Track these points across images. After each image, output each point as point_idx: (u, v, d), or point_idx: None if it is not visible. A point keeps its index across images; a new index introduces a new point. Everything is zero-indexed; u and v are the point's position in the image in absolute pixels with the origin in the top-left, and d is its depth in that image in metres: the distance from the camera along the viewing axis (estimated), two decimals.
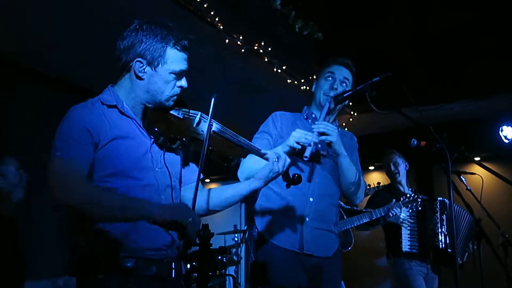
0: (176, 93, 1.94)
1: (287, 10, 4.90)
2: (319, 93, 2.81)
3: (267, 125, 2.78)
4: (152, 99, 1.91)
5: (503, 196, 5.80)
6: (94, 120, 1.81)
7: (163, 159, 1.93)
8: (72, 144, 1.75)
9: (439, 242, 4.33)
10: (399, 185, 4.72)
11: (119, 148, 1.81)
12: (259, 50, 4.55)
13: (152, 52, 1.86)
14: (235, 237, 5.93)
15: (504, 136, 6.07)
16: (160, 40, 1.87)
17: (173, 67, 1.89)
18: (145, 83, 1.89)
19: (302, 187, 2.60)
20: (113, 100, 1.89)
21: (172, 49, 1.89)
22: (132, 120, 1.90)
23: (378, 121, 6.26)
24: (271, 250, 2.57)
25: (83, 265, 1.76)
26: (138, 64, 1.88)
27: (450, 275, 2.63)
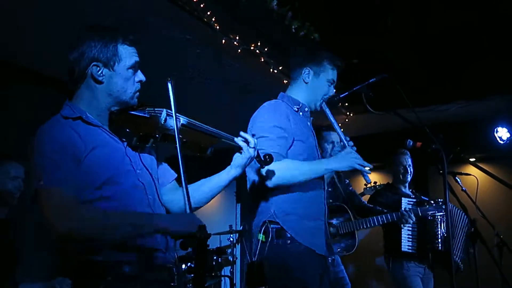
0: (137, 88, 1.93)
1: (283, 11, 4.90)
2: (319, 96, 2.77)
3: (281, 119, 2.61)
4: (116, 100, 1.89)
5: (498, 197, 5.82)
6: (70, 136, 1.77)
7: (140, 160, 1.92)
8: (57, 166, 1.69)
9: (438, 244, 4.33)
10: (401, 186, 4.71)
11: (100, 157, 1.78)
12: (255, 51, 4.55)
13: (105, 53, 1.85)
14: (230, 237, 5.92)
15: (499, 137, 6.10)
16: (110, 40, 1.86)
17: (128, 62, 1.88)
18: (105, 86, 1.87)
19: (318, 189, 2.66)
20: (75, 112, 1.84)
21: (123, 45, 1.89)
22: (100, 128, 1.87)
23: (374, 122, 6.28)
24: (305, 254, 2.52)
25: (82, 271, 1.73)
26: (95, 68, 1.85)
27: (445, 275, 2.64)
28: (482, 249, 3.39)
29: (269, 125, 2.56)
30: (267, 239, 2.52)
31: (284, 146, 2.54)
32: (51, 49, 4.40)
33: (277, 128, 2.55)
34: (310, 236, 2.54)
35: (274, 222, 2.52)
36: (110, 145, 1.85)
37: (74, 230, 1.63)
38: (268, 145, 2.49)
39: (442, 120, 6.21)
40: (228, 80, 5.20)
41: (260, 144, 2.47)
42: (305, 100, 2.78)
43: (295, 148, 2.60)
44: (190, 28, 4.10)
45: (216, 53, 4.54)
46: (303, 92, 2.78)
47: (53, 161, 1.69)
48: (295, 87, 2.81)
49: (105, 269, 1.71)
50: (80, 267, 1.73)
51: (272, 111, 2.63)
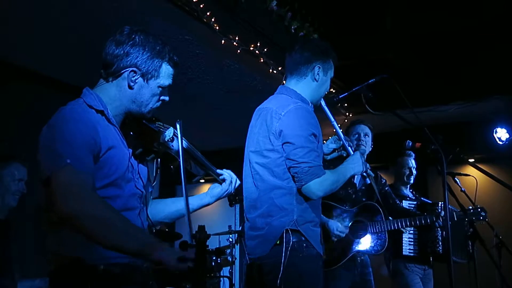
0: (157, 106, 1.95)
1: (283, 11, 4.90)
2: (323, 93, 2.76)
3: (315, 126, 2.54)
4: (135, 109, 1.90)
5: (497, 198, 5.82)
6: (96, 127, 1.75)
7: (138, 170, 1.92)
8: (81, 154, 1.66)
9: (439, 248, 4.32)
10: (403, 186, 4.70)
11: (113, 158, 1.79)
12: (255, 51, 4.55)
13: (148, 64, 1.86)
14: (229, 237, 5.92)
15: (498, 137, 6.11)
16: (157, 54, 1.87)
17: (163, 82, 1.91)
18: (133, 93, 1.87)
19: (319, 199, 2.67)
20: (100, 105, 1.83)
21: (167, 65, 1.91)
22: (115, 128, 1.86)
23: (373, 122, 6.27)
24: (318, 259, 2.57)
25: (66, 271, 1.70)
26: (132, 73, 1.85)
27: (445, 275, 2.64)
28: (481, 250, 3.39)
29: (307, 133, 2.49)
30: (282, 243, 2.47)
31: (322, 154, 2.60)
32: (51, 49, 4.41)
33: (314, 136, 2.51)
34: (319, 242, 2.60)
35: (296, 230, 2.49)
36: (121, 148, 1.85)
37: (78, 214, 1.57)
38: (311, 157, 2.45)
39: (441, 120, 6.21)
40: (227, 81, 5.20)
41: (302, 156, 2.45)
42: (310, 97, 2.70)
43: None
44: (189, 29, 4.11)
45: (215, 54, 4.54)
46: (310, 89, 2.69)
47: (81, 148, 1.67)
48: (304, 84, 2.69)
49: (92, 268, 1.69)
50: (69, 266, 1.70)
51: (308, 117, 2.54)
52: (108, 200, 1.73)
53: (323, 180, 2.46)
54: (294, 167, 2.45)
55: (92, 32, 4.03)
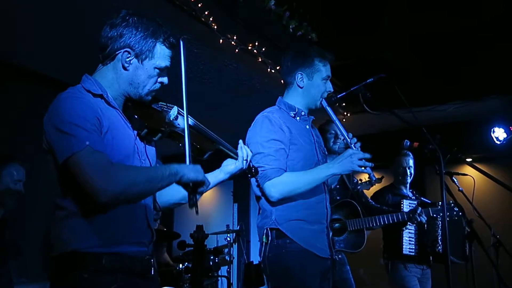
0: (156, 88, 1.94)
1: (281, 11, 4.90)
2: (318, 96, 2.75)
3: (275, 132, 2.61)
4: (133, 91, 1.90)
5: (495, 197, 5.83)
6: (95, 108, 1.76)
7: (145, 151, 1.93)
8: (93, 133, 1.69)
9: (439, 247, 4.33)
10: (402, 186, 4.72)
11: (114, 139, 1.79)
12: (253, 50, 4.55)
13: (142, 45, 1.86)
14: (227, 237, 5.93)
15: (495, 137, 6.11)
16: (151, 34, 1.87)
17: (159, 63, 1.89)
18: (129, 74, 1.87)
19: (320, 193, 2.68)
20: (98, 89, 1.84)
21: (161, 45, 1.90)
22: (117, 110, 1.87)
23: (371, 122, 6.29)
24: (304, 256, 2.54)
25: (65, 261, 1.71)
26: (126, 54, 1.85)
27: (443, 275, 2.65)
28: (479, 249, 3.40)
29: (264, 139, 2.59)
30: (269, 240, 2.57)
31: (283, 158, 2.57)
32: (49, 48, 4.40)
33: (273, 141, 2.58)
34: (310, 239, 2.57)
35: (275, 229, 2.57)
36: (124, 129, 1.86)
37: (121, 193, 1.65)
38: (265, 161, 2.54)
39: (439, 120, 6.23)
40: (225, 80, 5.20)
41: (258, 161, 2.54)
42: (303, 104, 2.77)
43: (292, 156, 2.62)
44: (187, 28, 4.10)
45: (213, 53, 4.54)
46: (299, 97, 2.77)
47: (91, 128, 1.69)
48: (291, 92, 2.80)
49: (87, 260, 1.69)
50: (63, 259, 1.71)
51: (264, 124, 2.63)
52: None
53: (277, 183, 2.50)
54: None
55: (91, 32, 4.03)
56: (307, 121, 2.80)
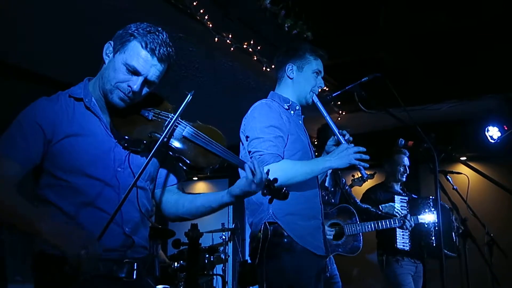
0: (123, 90, 1.76)
1: (276, 9, 4.90)
2: (307, 88, 2.73)
3: (275, 118, 2.55)
4: (103, 87, 1.80)
5: (489, 196, 5.86)
6: (51, 116, 1.74)
7: (127, 160, 1.82)
8: (18, 140, 1.70)
9: (432, 241, 4.37)
10: (394, 183, 4.75)
11: (76, 145, 1.74)
12: (248, 49, 4.55)
13: (120, 37, 1.79)
14: (223, 235, 5.93)
15: (490, 136, 6.14)
16: (134, 31, 1.77)
17: (127, 59, 1.75)
18: (104, 67, 1.82)
19: (314, 188, 2.65)
20: (81, 93, 1.81)
21: (137, 43, 1.75)
22: (97, 117, 1.81)
23: (366, 120, 6.30)
24: (302, 254, 2.49)
25: (40, 261, 1.71)
26: (108, 45, 1.82)
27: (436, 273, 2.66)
28: (473, 247, 3.42)
29: (263, 125, 2.52)
30: (265, 238, 2.50)
31: (281, 145, 2.51)
32: (45, 48, 4.38)
33: (272, 127, 2.52)
34: (308, 236, 2.53)
35: (273, 222, 2.51)
36: (97, 136, 1.79)
37: None
38: (264, 146, 2.46)
39: (434, 119, 6.25)
40: (220, 78, 5.20)
41: (255, 146, 2.48)
42: (294, 96, 2.75)
43: (289, 146, 2.57)
44: (182, 26, 4.10)
45: (208, 52, 4.54)
46: (290, 89, 2.76)
47: (21, 134, 1.71)
48: (282, 85, 2.79)
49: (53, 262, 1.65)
50: (37, 260, 1.72)
51: (266, 110, 2.59)
52: (75, 190, 1.73)
53: (275, 168, 2.34)
54: (251, 158, 2.47)
55: (84, 30, 4.02)
56: (300, 116, 2.79)
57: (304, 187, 2.56)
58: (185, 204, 1.97)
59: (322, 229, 2.65)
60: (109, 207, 1.74)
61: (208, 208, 1.94)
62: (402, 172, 4.70)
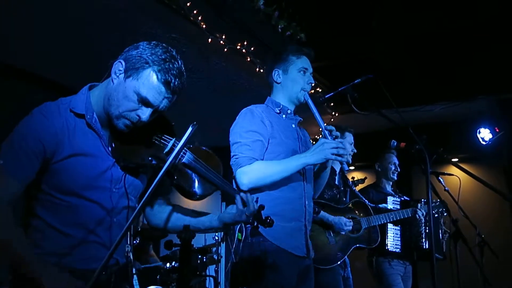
0: (131, 119, 1.71)
1: (270, 11, 4.91)
2: (297, 88, 2.74)
3: (254, 123, 2.61)
4: (108, 109, 1.72)
5: (480, 197, 5.90)
6: (53, 133, 1.67)
7: (123, 180, 1.79)
8: (21, 157, 1.63)
9: (423, 243, 4.39)
10: (386, 184, 4.76)
11: (75, 167, 1.69)
12: (242, 50, 4.56)
13: (134, 61, 1.68)
14: (215, 236, 5.92)
15: (481, 138, 6.19)
16: (150, 58, 1.67)
17: (140, 89, 1.67)
18: (112, 87, 1.71)
19: (298, 189, 2.64)
20: (83, 108, 1.73)
21: (152, 73, 1.66)
22: (98, 135, 1.75)
23: (359, 121, 6.32)
24: (278, 254, 2.51)
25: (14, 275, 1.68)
26: (118, 65, 1.71)
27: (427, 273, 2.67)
28: (464, 249, 3.44)
29: (243, 130, 2.59)
30: (243, 237, 2.56)
31: (259, 149, 2.55)
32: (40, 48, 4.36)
33: (251, 132, 2.57)
34: (285, 236, 2.54)
35: None
36: (98, 155, 1.74)
37: None
38: (240, 150, 2.53)
39: (426, 120, 6.28)
40: (214, 79, 5.20)
41: (234, 150, 2.56)
42: (285, 99, 2.79)
43: (271, 150, 2.61)
44: (176, 27, 4.09)
45: (202, 52, 4.54)
46: (280, 93, 2.80)
47: (22, 149, 1.64)
48: (274, 90, 2.84)
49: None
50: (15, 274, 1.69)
51: (247, 116, 2.65)
52: (68, 210, 1.70)
53: (248, 170, 2.46)
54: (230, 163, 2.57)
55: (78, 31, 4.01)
56: (293, 120, 2.81)
57: (286, 189, 2.57)
58: (172, 219, 1.96)
59: (304, 231, 2.64)
60: (99, 229, 1.73)
61: (195, 229, 1.91)
62: (393, 170, 4.73)
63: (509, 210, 6.36)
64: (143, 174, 1.88)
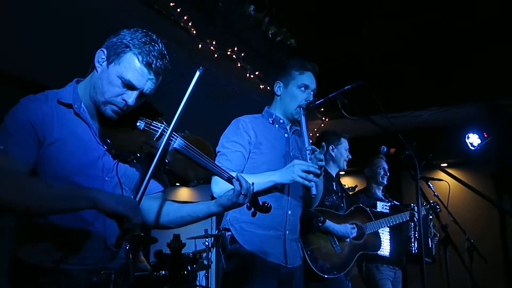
0: (117, 104, 1.73)
1: (260, 16, 4.92)
2: (293, 104, 2.76)
3: (237, 134, 2.65)
4: (95, 97, 1.74)
5: (469, 202, 5.92)
6: (41, 116, 1.68)
7: (115, 169, 1.78)
8: (16, 138, 1.63)
9: (412, 248, 4.40)
10: (376, 189, 4.78)
11: (65, 151, 1.69)
12: (232, 56, 4.56)
13: (115, 47, 1.71)
14: (205, 241, 5.90)
15: (470, 143, 6.24)
16: (130, 42, 1.71)
17: (122, 73, 1.69)
18: (96, 76, 1.74)
19: (280, 200, 2.65)
20: (70, 98, 1.75)
21: (133, 56, 1.70)
22: (86, 124, 1.76)
23: (349, 127, 6.34)
24: (255, 261, 2.52)
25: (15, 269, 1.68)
26: (100, 53, 1.74)
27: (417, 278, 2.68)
28: (453, 253, 3.45)
29: (226, 140, 2.67)
30: (224, 245, 2.61)
31: (236, 160, 2.59)
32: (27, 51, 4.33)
33: (232, 143, 2.63)
34: (262, 244, 2.56)
35: (228, 229, 2.61)
36: (87, 144, 1.75)
37: (6, 202, 1.55)
38: (218, 160, 2.59)
39: (415, 125, 6.32)
40: (204, 85, 5.19)
41: (216, 159, 2.59)
42: (280, 111, 2.83)
43: (255, 159, 2.64)
44: (166, 32, 4.08)
45: (192, 58, 4.53)
46: (277, 105, 2.85)
47: (17, 133, 1.64)
48: (274, 101, 2.89)
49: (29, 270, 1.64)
50: (13, 267, 1.68)
51: (232, 126, 2.72)
52: None
53: (219, 180, 2.37)
54: None
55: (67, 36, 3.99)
56: (286, 130, 2.82)
57: (266, 198, 2.54)
58: (170, 213, 1.95)
59: (283, 240, 2.64)
60: (92, 218, 1.72)
61: (194, 217, 1.93)
62: (383, 174, 4.74)
63: (497, 215, 6.42)
64: (137, 163, 1.88)
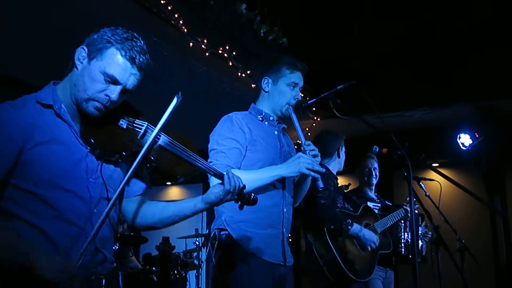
0: (100, 100, 1.70)
1: (252, 15, 4.90)
2: (282, 101, 2.73)
3: (232, 131, 2.60)
4: (76, 94, 1.70)
5: (461, 202, 5.95)
6: (21, 123, 1.64)
7: (99, 170, 1.75)
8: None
9: (401, 249, 4.40)
10: (367, 189, 4.77)
11: (47, 155, 1.65)
12: (223, 54, 4.54)
13: (97, 44, 1.69)
14: (196, 241, 5.88)
15: (461, 143, 6.26)
16: (111, 38, 1.69)
17: (105, 68, 1.67)
18: (77, 73, 1.71)
19: (276, 197, 2.62)
20: (49, 99, 1.71)
21: (115, 51, 1.69)
22: (68, 125, 1.72)
23: (341, 127, 6.33)
24: (252, 261, 2.48)
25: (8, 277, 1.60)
26: (80, 51, 1.71)
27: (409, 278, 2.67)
28: (445, 254, 3.45)
29: (221, 137, 2.59)
30: (219, 244, 2.54)
31: (235, 156, 2.54)
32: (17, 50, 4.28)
33: (228, 139, 2.57)
34: (261, 244, 2.52)
35: (224, 229, 2.54)
36: (70, 145, 1.71)
37: None
38: (215, 157, 2.53)
39: (407, 125, 6.33)
40: (195, 83, 5.17)
41: (211, 157, 2.56)
42: (269, 108, 2.78)
43: (251, 156, 2.60)
44: (157, 30, 4.06)
45: (183, 56, 4.51)
46: (265, 101, 2.79)
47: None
48: (260, 98, 2.83)
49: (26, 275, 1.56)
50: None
51: (226, 123, 2.65)
52: (44, 203, 1.64)
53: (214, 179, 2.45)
54: None
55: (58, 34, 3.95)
56: (276, 127, 2.80)
57: (263, 196, 2.52)
58: (155, 213, 1.92)
59: (281, 238, 2.62)
60: (79, 220, 1.68)
61: (181, 216, 1.91)
62: (368, 175, 4.75)
63: (488, 214, 6.45)
64: (121, 163, 1.84)
